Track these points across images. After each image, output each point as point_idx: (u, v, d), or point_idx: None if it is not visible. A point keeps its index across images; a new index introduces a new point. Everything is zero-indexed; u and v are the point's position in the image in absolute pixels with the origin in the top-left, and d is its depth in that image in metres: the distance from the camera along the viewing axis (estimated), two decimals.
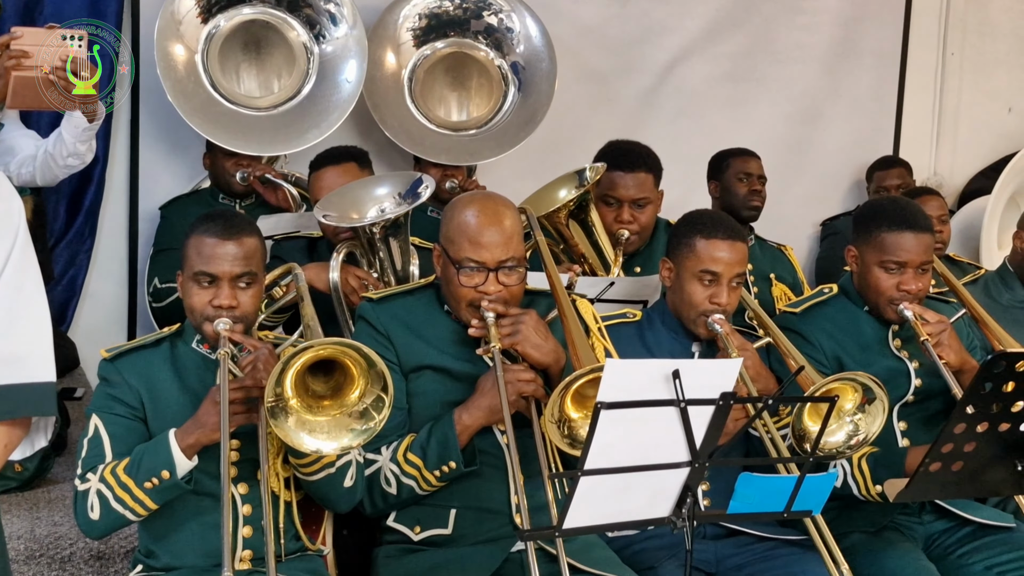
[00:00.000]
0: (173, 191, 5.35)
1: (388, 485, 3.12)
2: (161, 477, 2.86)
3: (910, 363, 3.57)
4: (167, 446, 2.87)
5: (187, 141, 5.33)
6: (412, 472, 3.09)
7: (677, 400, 2.33)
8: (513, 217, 3.17)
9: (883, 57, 6.57)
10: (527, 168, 5.61)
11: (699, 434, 2.40)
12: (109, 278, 5.44)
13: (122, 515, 2.90)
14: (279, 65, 5.30)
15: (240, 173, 5.04)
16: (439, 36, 5.59)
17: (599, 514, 2.42)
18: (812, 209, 6.46)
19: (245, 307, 3.01)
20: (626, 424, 2.33)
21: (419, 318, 3.24)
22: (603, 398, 2.28)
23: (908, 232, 3.49)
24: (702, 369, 2.38)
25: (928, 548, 3.52)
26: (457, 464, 3.06)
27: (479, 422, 3.09)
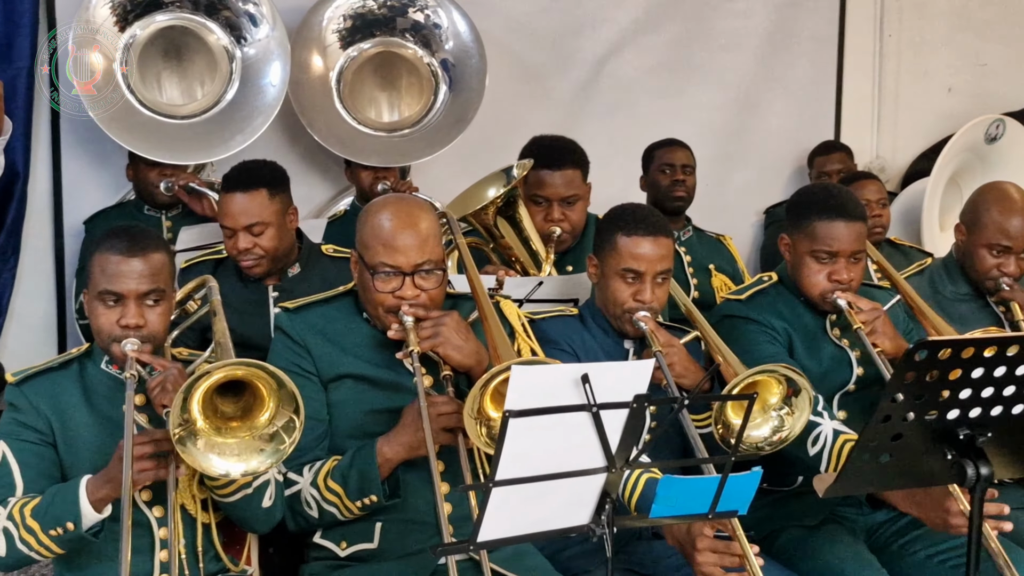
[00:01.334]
0: (99, 204, 5.25)
1: (309, 508, 3.07)
2: (66, 528, 2.77)
3: (851, 351, 3.55)
4: (76, 495, 2.77)
5: (110, 152, 5.22)
6: (333, 500, 3.04)
7: (589, 405, 2.28)
8: (429, 220, 3.11)
9: (820, 41, 6.53)
10: (461, 167, 5.54)
11: (614, 438, 2.34)
12: (35, 297, 5.31)
13: (28, 555, 2.83)
14: (201, 71, 5.21)
15: (164, 183, 4.95)
16: (365, 36, 5.52)
17: (515, 525, 2.36)
18: (754, 197, 6.43)
19: (153, 326, 2.93)
20: (538, 431, 2.27)
21: (337, 326, 3.18)
22: (511, 406, 2.22)
23: (839, 220, 3.45)
24: (614, 372, 2.32)
25: (870, 539, 3.50)
26: (379, 497, 3.01)
27: (400, 456, 3.03)
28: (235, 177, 4.08)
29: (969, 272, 4.00)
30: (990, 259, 3.92)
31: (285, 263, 4.08)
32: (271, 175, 4.10)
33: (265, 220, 3.95)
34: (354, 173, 5.31)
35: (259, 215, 3.95)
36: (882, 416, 2.58)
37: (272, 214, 3.98)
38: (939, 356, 2.51)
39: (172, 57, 5.17)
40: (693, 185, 5.33)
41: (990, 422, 2.65)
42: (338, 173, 5.61)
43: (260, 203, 3.96)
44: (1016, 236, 3.87)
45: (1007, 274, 3.89)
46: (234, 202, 3.95)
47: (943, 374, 2.55)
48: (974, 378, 2.57)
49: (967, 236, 3.99)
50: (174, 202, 4.99)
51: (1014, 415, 2.67)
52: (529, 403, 2.24)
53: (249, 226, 3.92)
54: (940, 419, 2.62)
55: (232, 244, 3.95)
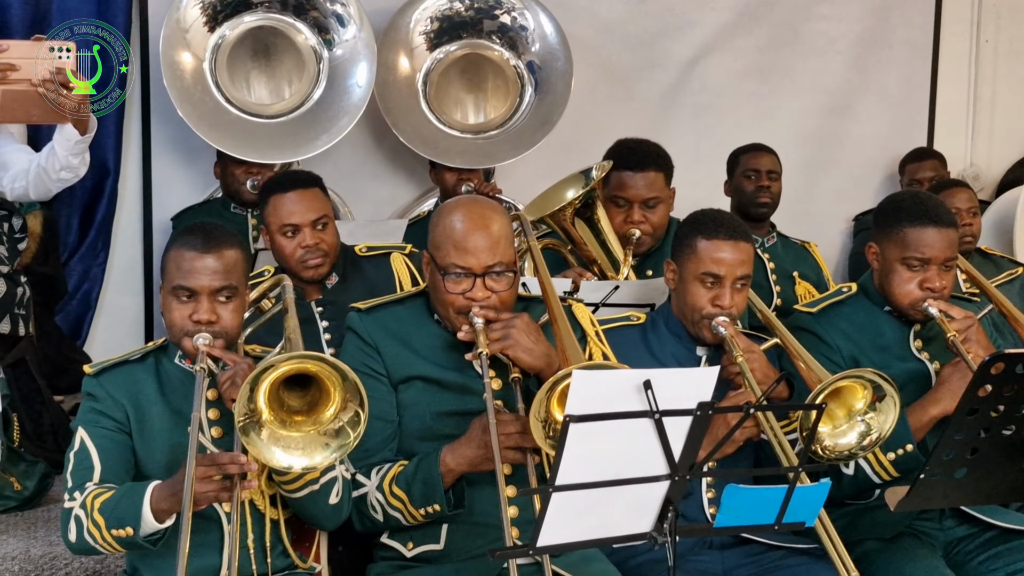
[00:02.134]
0: (187, 201, 5.35)
1: (375, 511, 3.06)
2: (126, 532, 2.78)
3: (930, 365, 3.45)
4: (140, 501, 2.76)
5: (200, 150, 5.32)
6: (398, 505, 3.02)
7: (651, 411, 2.24)
8: (501, 221, 3.09)
9: (914, 46, 6.42)
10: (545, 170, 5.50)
11: (678, 446, 2.31)
12: (124, 290, 5.44)
13: (94, 547, 2.85)
14: (289, 71, 5.28)
15: (251, 181, 5.02)
16: (452, 38, 5.56)
17: (576, 530, 2.33)
18: (844, 204, 6.32)
19: (225, 322, 2.95)
20: (599, 437, 2.24)
21: (408, 327, 3.17)
22: (572, 410, 2.19)
23: (931, 227, 3.37)
24: (677, 379, 2.28)
25: (948, 554, 3.40)
26: (442, 507, 2.99)
27: (463, 469, 3.00)
28: (285, 179, 4.04)
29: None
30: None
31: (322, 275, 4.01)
32: (316, 178, 4.05)
33: (328, 214, 3.94)
34: (438, 174, 5.34)
35: (322, 208, 3.93)
36: (957, 430, 2.52)
37: (330, 209, 3.98)
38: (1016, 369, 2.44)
39: (261, 57, 5.25)
40: (778, 191, 5.25)
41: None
42: (423, 174, 5.63)
43: (319, 198, 3.95)
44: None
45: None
46: (296, 200, 3.89)
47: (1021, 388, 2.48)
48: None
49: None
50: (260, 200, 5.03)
51: None
52: (591, 408, 2.21)
53: (315, 220, 3.88)
54: (1018, 433, 2.55)
55: (296, 244, 3.86)
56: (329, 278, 3.98)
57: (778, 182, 5.25)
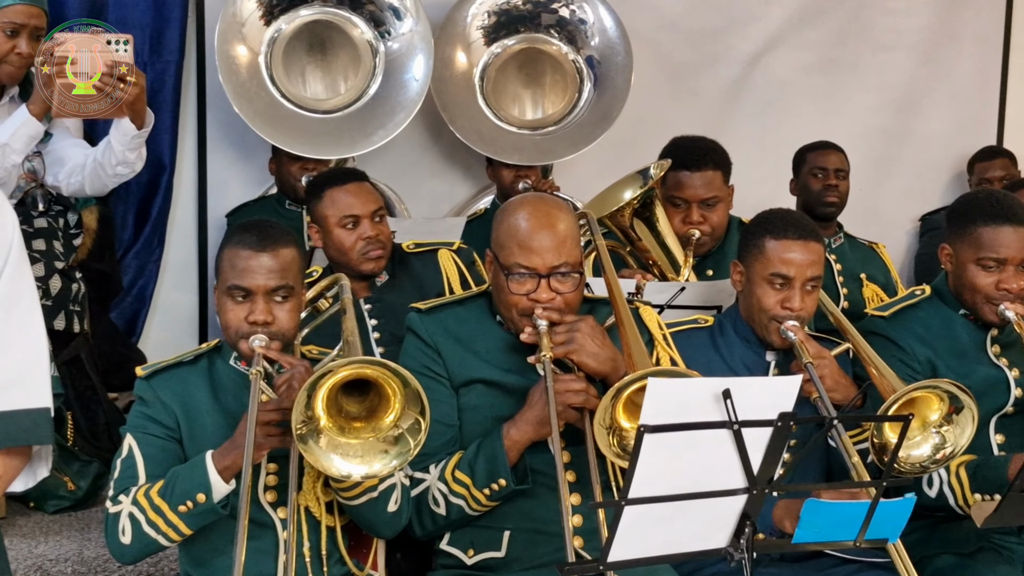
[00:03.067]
0: (242, 197, 5.28)
1: (436, 505, 2.97)
2: (196, 500, 2.73)
3: (1009, 371, 3.33)
4: (203, 467, 2.74)
5: (255, 146, 5.25)
6: (461, 491, 2.94)
7: (729, 422, 2.14)
8: (567, 220, 2.99)
9: (984, 41, 6.26)
10: (604, 167, 5.41)
11: (756, 458, 2.20)
12: (179, 288, 5.38)
13: (154, 540, 2.78)
14: (345, 65, 5.21)
15: (306, 177, 4.91)
16: (510, 32, 5.46)
17: (648, 545, 2.23)
18: (911, 204, 6.18)
19: (282, 323, 2.87)
20: (674, 448, 2.14)
21: (470, 329, 3.08)
22: (647, 420, 2.09)
23: (1007, 226, 3.24)
24: (758, 387, 2.17)
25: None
26: (507, 481, 2.90)
27: (528, 436, 2.92)
28: (338, 173, 4.06)
29: None
30: None
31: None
32: (364, 174, 4.04)
33: (383, 206, 3.90)
34: (495, 171, 5.25)
35: (379, 201, 3.90)
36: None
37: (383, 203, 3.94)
38: None
39: (316, 51, 5.17)
40: (846, 191, 5.12)
41: None
42: (479, 171, 5.54)
43: (374, 191, 3.92)
44: None
45: None
46: (355, 191, 3.84)
47: None
48: None
49: None
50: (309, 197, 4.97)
51: None
52: (666, 418, 2.10)
53: (374, 212, 3.83)
54: None
55: (357, 236, 3.79)
56: (380, 276, 3.90)
57: (846, 181, 5.12)
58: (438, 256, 4.04)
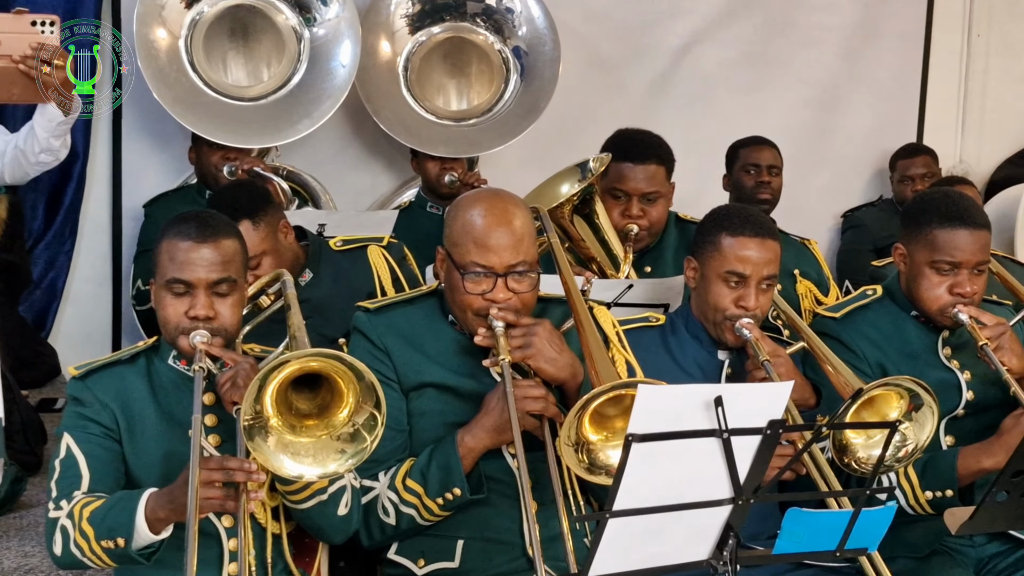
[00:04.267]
0: (159, 187, 5.11)
1: (386, 515, 2.84)
2: (117, 543, 2.55)
3: (961, 374, 3.28)
4: (134, 510, 2.54)
5: (173, 134, 5.08)
6: (412, 500, 2.81)
7: (719, 430, 2.04)
8: (524, 217, 2.87)
9: (906, 39, 6.29)
10: (531, 159, 5.39)
11: (743, 468, 2.11)
12: (92, 280, 5.21)
13: (80, 561, 2.61)
14: (268, 51, 5.04)
15: (228, 167, 4.79)
16: (435, 21, 5.36)
17: (630, 558, 2.13)
18: (833, 200, 6.21)
19: (224, 318, 2.71)
20: (660, 457, 2.04)
21: (420, 330, 2.94)
22: (635, 429, 1.99)
23: (962, 229, 3.18)
24: (747, 394, 2.09)
25: (980, 572, 3.24)
26: (462, 491, 2.78)
27: (484, 444, 2.80)
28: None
29: None
30: None
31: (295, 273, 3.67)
32: (249, 201, 3.55)
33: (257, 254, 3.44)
34: (420, 163, 5.13)
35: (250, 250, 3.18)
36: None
37: (261, 242, 3.51)
38: None
39: (239, 36, 5.02)
40: (779, 187, 5.09)
41: None
42: (404, 163, 5.43)
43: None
44: None
45: None
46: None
47: None
48: None
49: None
50: None
51: None
52: (654, 426, 2.00)
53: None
54: None
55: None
56: (303, 275, 3.73)
57: (779, 177, 5.11)
58: (367, 253, 3.90)
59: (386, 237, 4.03)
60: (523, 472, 2.65)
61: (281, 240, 3.64)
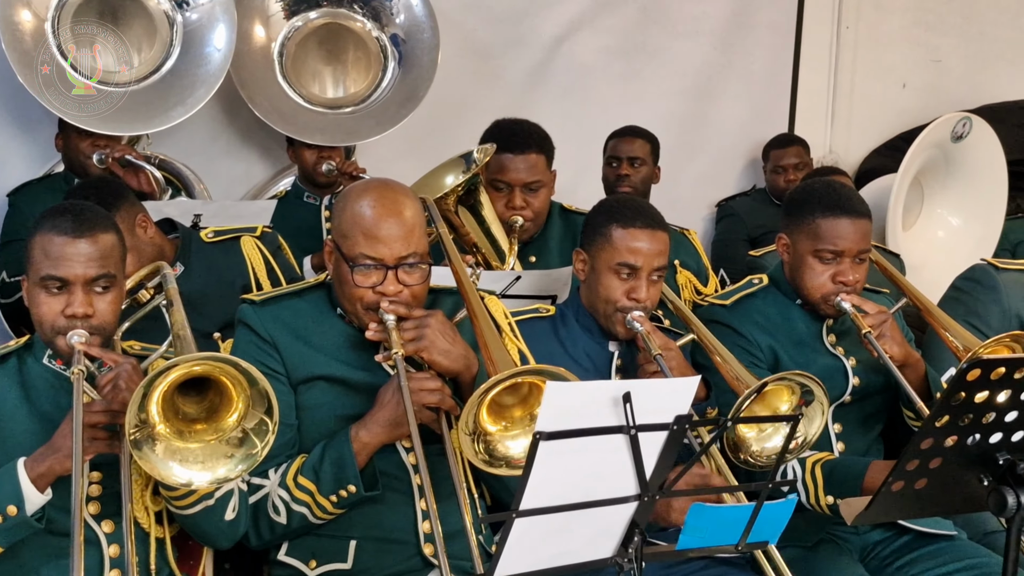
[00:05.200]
0: (24, 175, 4.87)
1: (277, 514, 2.74)
2: (7, 513, 2.45)
3: (847, 360, 3.30)
4: (15, 476, 2.46)
5: (38, 120, 4.85)
6: (304, 498, 2.72)
7: (627, 426, 1.99)
8: (414, 207, 2.80)
9: (778, 31, 6.31)
10: (409, 148, 5.29)
11: (649, 464, 2.07)
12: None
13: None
14: (139, 36, 4.83)
15: (97, 155, 4.60)
16: (311, 6, 5.21)
17: (537, 558, 2.07)
18: (707, 189, 6.20)
19: (103, 315, 2.59)
20: (567, 455, 1.99)
21: (308, 322, 2.85)
22: (543, 427, 1.93)
23: (845, 218, 3.21)
24: (654, 390, 2.04)
25: (865, 559, 3.27)
26: (356, 488, 2.69)
27: (379, 439, 2.72)
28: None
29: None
30: None
31: None
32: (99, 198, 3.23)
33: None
34: (296, 152, 5.01)
35: None
36: (922, 440, 2.35)
37: None
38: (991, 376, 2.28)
39: (108, 19, 4.79)
40: (644, 178, 5.08)
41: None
42: (279, 151, 5.29)
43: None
44: None
45: None
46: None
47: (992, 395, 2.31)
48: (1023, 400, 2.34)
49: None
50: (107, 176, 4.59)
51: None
52: (562, 423, 1.95)
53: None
54: (982, 443, 2.39)
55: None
56: (173, 268, 3.58)
57: (645, 168, 5.09)
58: (240, 244, 3.79)
59: (260, 227, 3.91)
60: (422, 467, 2.57)
61: (140, 235, 3.50)
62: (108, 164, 4.58)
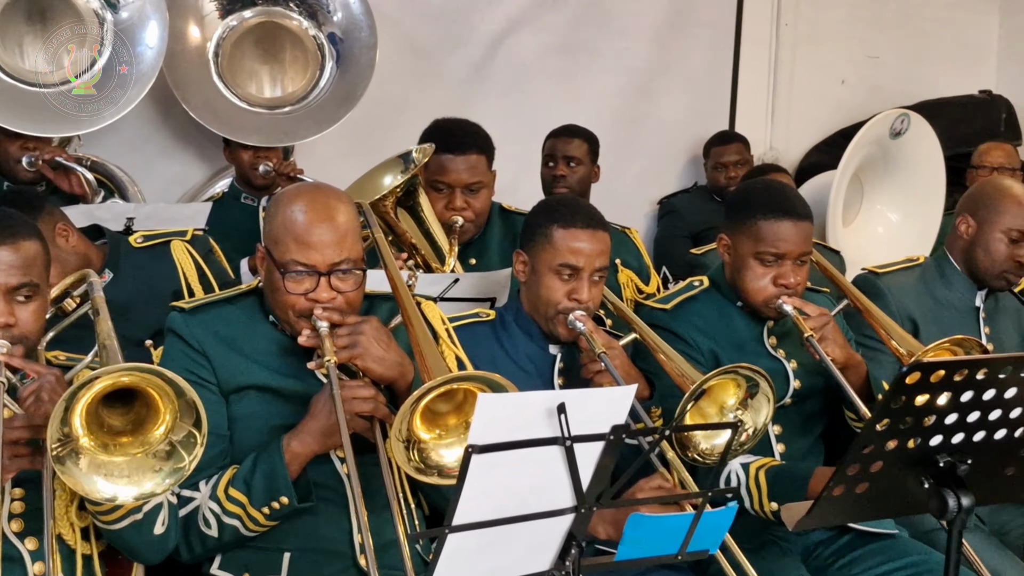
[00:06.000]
0: None
1: (207, 527, 2.66)
2: None
3: (787, 363, 3.27)
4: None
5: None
6: (235, 510, 2.64)
7: (562, 437, 1.94)
8: (348, 212, 2.72)
9: (717, 28, 6.30)
10: (348, 148, 5.22)
11: (586, 475, 2.01)
12: None
13: None
14: (67, 37, 4.70)
15: (27, 157, 4.50)
16: (246, 5, 5.12)
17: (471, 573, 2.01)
18: (648, 187, 6.18)
19: (25, 325, 2.49)
20: (502, 467, 1.92)
21: (240, 330, 2.77)
22: (475, 440, 1.87)
23: (786, 220, 3.16)
24: (590, 399, 1.98)
25: (807, 560, 3.24)
26: (289, 499, 2.61)
27: (311, 449, 2.65)
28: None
29: (980, 262, 3.69)
30: (1005, 247, 3.63)
31: None
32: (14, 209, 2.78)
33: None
34: (233, 153, 4.92)
35: None
36: (863, 444, 2.31)
37: None
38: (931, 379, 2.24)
39: (36, 20, 4.68)
40: (581, 178, 5.02)
41: (971, 448, 2.39)
42: (215, 152, 5.19)
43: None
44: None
45: None
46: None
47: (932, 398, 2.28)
48: (963, 402, 2.31)
49: (977, 227, 3.69)
50: (37, 179, 4.52)
51: (995, 440, 2.41)
52: (495, 436, 1.89)
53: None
54: (922, 446, 2.35)
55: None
56: (101, 275, 3.48)
57: (581, 168, 5.02)
58: (171, 248, 3.68)
59: (190, 231, 3.80)
60: (353, 478, 2.51)
61: (62, 245, 3.38)
62: (38, 167, 4.48)
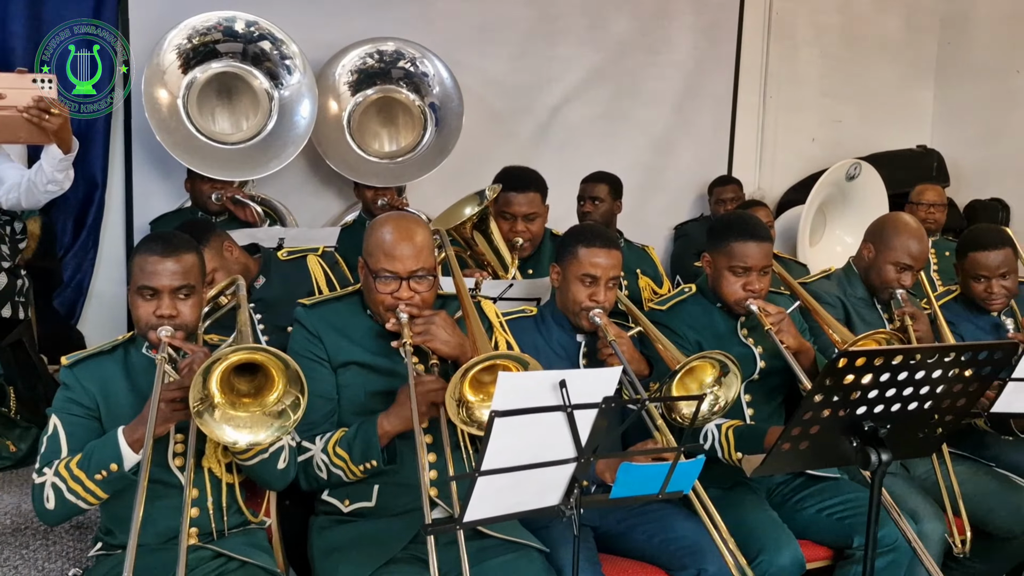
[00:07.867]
0: (163, 209, 4.74)
1: (320, 471, 2.60)
2: (110, 470, 2.32)
3: (755, 348, 3.12)
4: (115, 442, 2.33)
5: (173, 168, 4.71)
6: (340, 464, 2.58)
7: (564, 406, 1.83)
8: (424, 234, 2.64)
9: (719, 99, 6.10)
10: (444, 187, 5.10)
11: (584, 434, 1.90)
12: (110, 281, 4.80)
13: (75, 504, 2.35)
14: (247, 107, 4.70)
15: (215, 195, 4.47)
16: (369, 85, 5.03)
17: (497, 506, 1.92)
18: (667, 216, 5.99)
19: (184, 316, 2.46)
20: (519, 428, 1.83)
21: (345, 320, 2.71)
22: (497, 407, 1.77)
23: (752, 242, 3.03)
24: (586, 377, 1.88)
25: (770, 496, 3.10)
26: (378, 463, 2.56)
27: (397, 428, 2.57)
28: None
29: (873, 280, 3.53)
30: (893, 273, 3.47)
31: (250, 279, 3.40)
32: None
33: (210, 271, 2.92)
34: (360, 191, 4.86)
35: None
36: (804, 412, 2.17)
37: (210, 261, 3.04)
38: (856, 363, 2.10)
39: (224, 96, 4.67)
40: (604, 212, 4.84)
41: (889, 416, 2.24)
42: (348, 191, 5.13)
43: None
44: (917, 257, 3.44)
45: (904, 287, 3.45)
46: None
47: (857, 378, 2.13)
48: (881, 381, 2.16)
49: (875, 254, 3.53)
50: (222, 210, 4.50)
51: (909, 411, 2.26)
52: (513, 404, 1.79)
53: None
54: (851, 414, 2.21)
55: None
56: (257, 280, 3.46)
57: (605, 204, 4.83)
58: (307, 260, 3.63)
59: (321, 248, 3.75)
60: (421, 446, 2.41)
61: (227, 257, 3.34)
62: (223, 201, 4.46)
